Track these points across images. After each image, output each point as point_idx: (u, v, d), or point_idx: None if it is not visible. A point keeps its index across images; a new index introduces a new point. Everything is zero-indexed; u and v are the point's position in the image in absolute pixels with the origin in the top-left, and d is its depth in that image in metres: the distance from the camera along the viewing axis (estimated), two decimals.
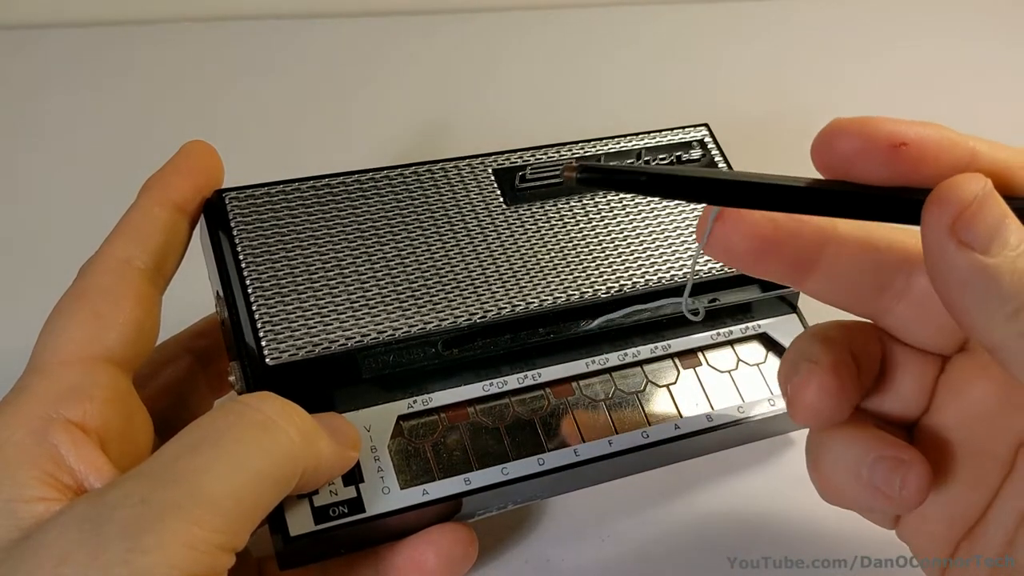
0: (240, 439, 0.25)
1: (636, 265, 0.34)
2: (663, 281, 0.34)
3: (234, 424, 0.25)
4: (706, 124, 0.39)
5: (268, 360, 0.30)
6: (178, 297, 0.32)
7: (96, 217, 0.33)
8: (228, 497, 0.24)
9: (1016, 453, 0.26)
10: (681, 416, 0.33)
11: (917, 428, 0.28)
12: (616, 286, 0.34)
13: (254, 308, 0.30)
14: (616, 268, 0.34)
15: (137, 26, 0.65)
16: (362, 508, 0.29)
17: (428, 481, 0.30)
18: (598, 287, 0.34)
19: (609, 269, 0.34)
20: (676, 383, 0.34)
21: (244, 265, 0.31)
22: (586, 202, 0.35)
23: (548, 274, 0.33)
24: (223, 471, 0.24)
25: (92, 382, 0.27)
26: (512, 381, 0.32)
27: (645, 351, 0.34)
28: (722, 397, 0.34)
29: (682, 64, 0.66)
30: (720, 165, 0.38)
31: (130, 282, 0.29)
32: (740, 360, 0.35)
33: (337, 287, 0.32)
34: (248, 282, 0.31)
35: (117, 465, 0.26)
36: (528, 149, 0.36)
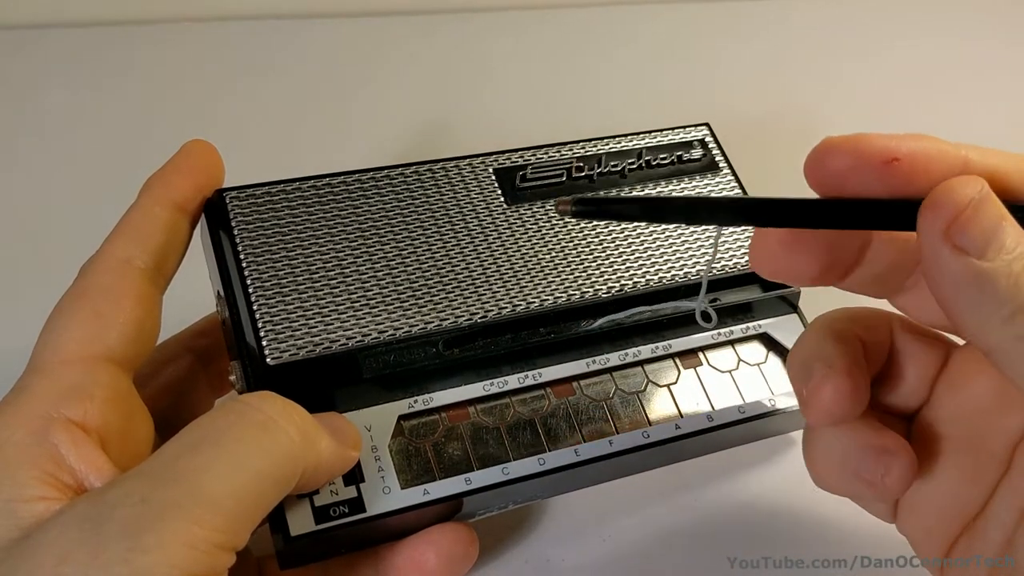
0: (241, 439, 0.25)
1: (637, 265, 0.34)
2: (664, 281, 0.34)
3: (235, 423, 0.25)
4: (707, 124, 0.39)
5: (269, 360, 0.30)
6: (179, 296, 0.32)
7: (96, 217, 0.33)
8: (228, 496, 0.24)
9: (1013, 451, 0.26)
10: (682, 416, 0.33)
11: (916, 419, 0.28)
12: (616, 286, 0.34)
13: (255, 307, 0.30)
14: (616, 268, 0.34)
15: (137, 26, 0.65)
16: (363, 508, 0.29)
17: (429, 481, 0.30)
18: (599, 287, 0.34)
19: (610, 269, 0.34)
20: (677, 383, 0.34)
21: (245, 264, 0.31)
22: None
23: (549, 274, 0.33)
24: (223, 470, 0.24)
25: (93, 381, 0.27)
26: (513, 381, 0.32)
27: (646, 351, 0.34)
28: (723, 397, 0.34)
29: (682, 64, 0.66)
30: (721, 165, 0.38)
31: (131, 281, 0.29)
32: (741, 360, 0.35)
33: (338, 286, 0.32)
34: (249, 281, 0.31)
35: (117, 464, 0.26)
36: (529, 148, 0.36)
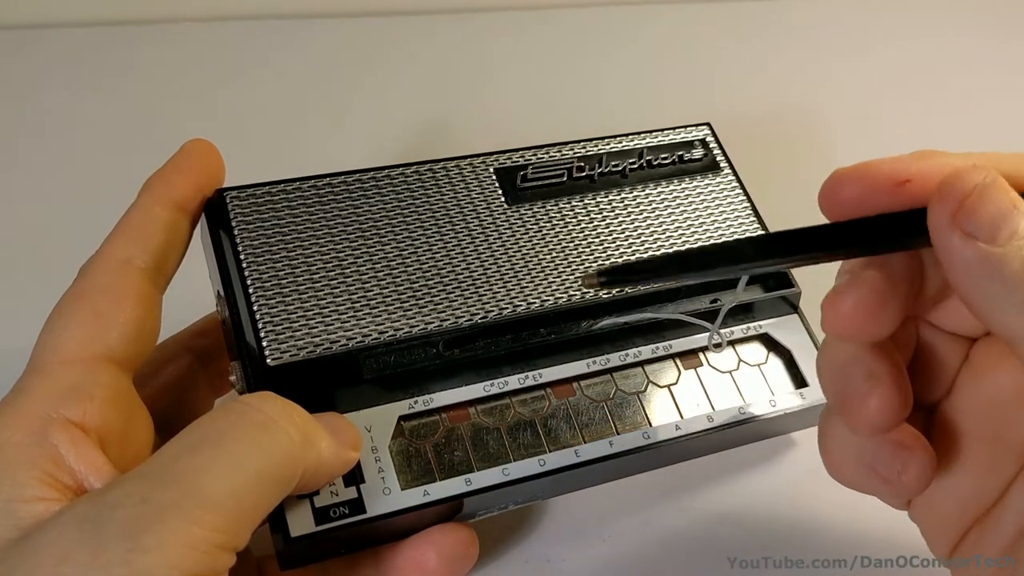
0: (241, 439, 0.25)
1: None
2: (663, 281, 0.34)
3: (235, 424, 0.25)
4: (708, 123, 0.39)
5: (269, 360, 0.30)
6: (179, 296, 0.32)
7: (96, 217, 0.33)
8: (228, 497, 0.24)
9: None
10: (682, 417, 0.33)
11: (937, 410, 0.28)
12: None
13: (255, 308, 0.30)
14: None
15: (137, 26, 0.65)
16: (363, 509, 0.29)
17: (429, 482, 0.30)
18: None
19: None
20: (677, 383, 0.34)
21: (245, 264, 0.31)
22: (587, 202, 0.35)
23: (549, 274, 0.33)
24: (224, 471, 0.24)
25: (92, 382, 0.27)
26: (513, 381, 0.32)
27: (646, 351, 0.34)
28: (723, 398, 0.34)
29: (682, 64, 0.66)
30: (722, 164, 0.38)
31: (131, 281, 0.29)
32: (741, 360, 0.35)
33: (338, 287, 0.32)
34: (249, 281, 0.31)
35: (117, 465, 0.26)
36: (529, 148, 0.36)
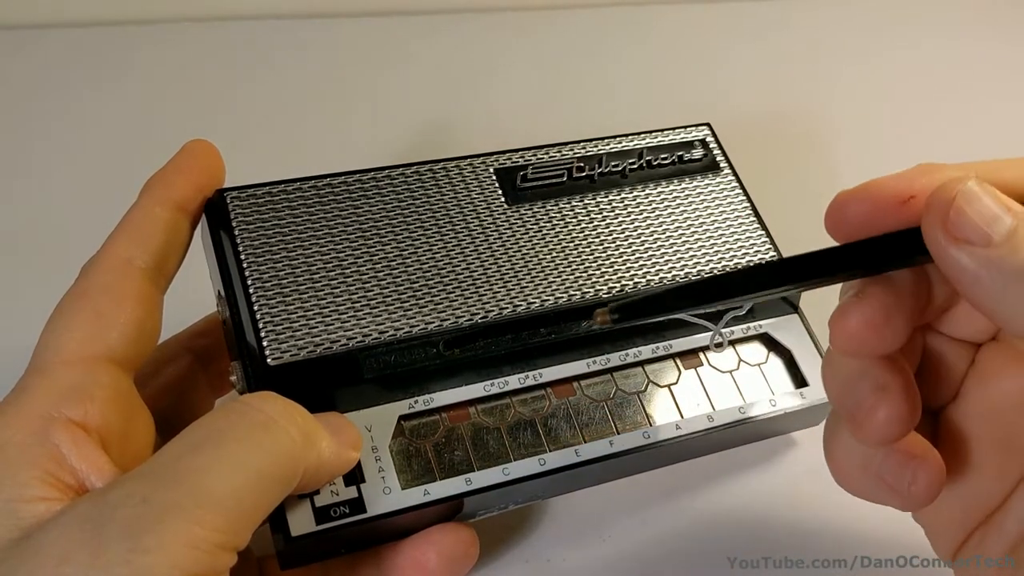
0: (242, 439, 0.25)
1: (637, 265, 0.34)
2: (664, 281, 0.34)
3: (236, 424, 0.25)
4: (708, 124, 0.39)
5: (269, 360, 0.30)
6: (179, 296, 0.32)
7: (97, 217, 0.33)
8: (229, 497, 0.24)
9: None
10: (682, 416, 0.33)
11: (943, 414, 0.28)
12: (617, 286, 0.34)
13: (255, 308, 0.30)
14: (617, 268, 0.34)
15: (137, 26, 0.65)
16: (363, 508, 0.29)
17: (429, 481, 0.30)
18: (599, 287, 0.34)
19: (610, 269, 0.34)
20: (677, 383, 0.34)
21: (245, 264, 0.31)
22: (587, 202, 0.35)
23: (549, 274, 0.33)
24: (224, 471, 0.24)
25: (93, 382, 0.27)
26: (513, 381, 0.32)
27: (646, 351, 0.34)
28: (723, 397, 0.34)
29: (682, 64, 0.66)
30: (722, 165, 0.38)
31: (132, 282, 0.29)
32: (741, 360, 0.35)
33: (338, 287, 0.32)
34: (249, 281, 0.31)
35: (118, 465, 0.26)
36: (529, 149, 0.36)
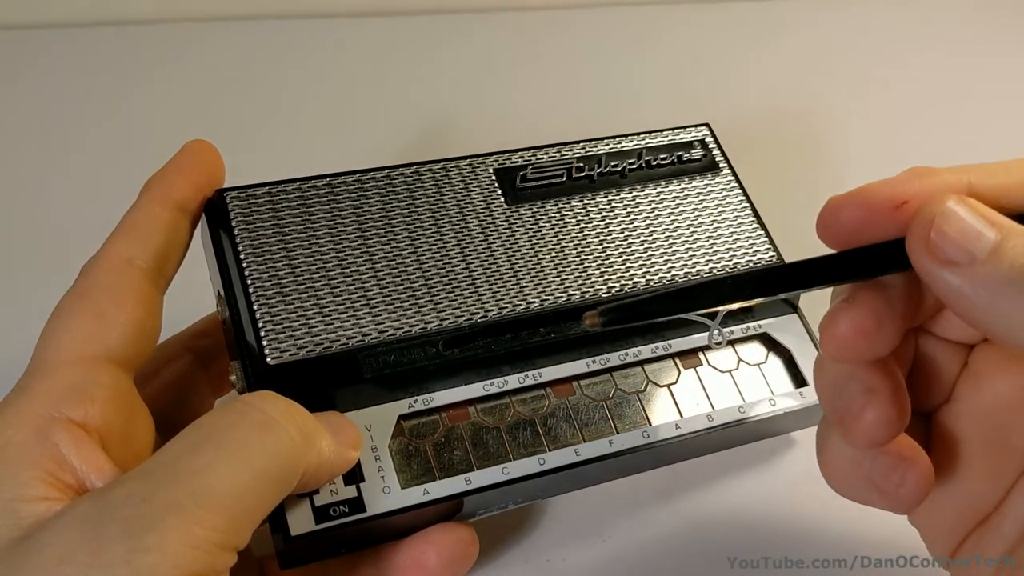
0: (242, 438, 0.25)
1: (636, 265, 0.34)
2: (664, 281, 0.34)
3: (236, 423, 0.25)
4: (707, 124, 0.39)
5: (269, 359, 0.30)
6: (179, 296, 0.32)
7: (97, 217, 0.33)
8: (230, 496, 0.24)
9: None
10: (682, 416, 0.33)
11: (936, 417, 0.28)
12: (617, 286, 0.34)
13: (255, 307, 0.30)
14: (616, 268, 0.34)
15: (137, 26, 0.65)
16: (363, 508, 0.29)
17: (429, 481, 0.30)
18: (599, 287, 0.34)
19: (609, 269, 0.34)
20: (677, 383, 0.34)
21: (245, 264, 0.31)
22: (587, 202, 0.36)
23: (549, 274, 0.34)
24: (225, 470, 0.24)
25: (93, 382, 0.27)
26: (513, 381, 0.32)
27: (646, 351, 0.34)
28: (723, 397, 0.34)
29: (682, 64, 0.66)
30: (721, 165, 0.38)
31: (132, 282, 0.29)
32: (741, 360, 0.35)
33: (338, 286, 0.32)
34: (249, 281, 0.31)
35: (119, 464, 0.26)
36: (529, 149, 0.36)
